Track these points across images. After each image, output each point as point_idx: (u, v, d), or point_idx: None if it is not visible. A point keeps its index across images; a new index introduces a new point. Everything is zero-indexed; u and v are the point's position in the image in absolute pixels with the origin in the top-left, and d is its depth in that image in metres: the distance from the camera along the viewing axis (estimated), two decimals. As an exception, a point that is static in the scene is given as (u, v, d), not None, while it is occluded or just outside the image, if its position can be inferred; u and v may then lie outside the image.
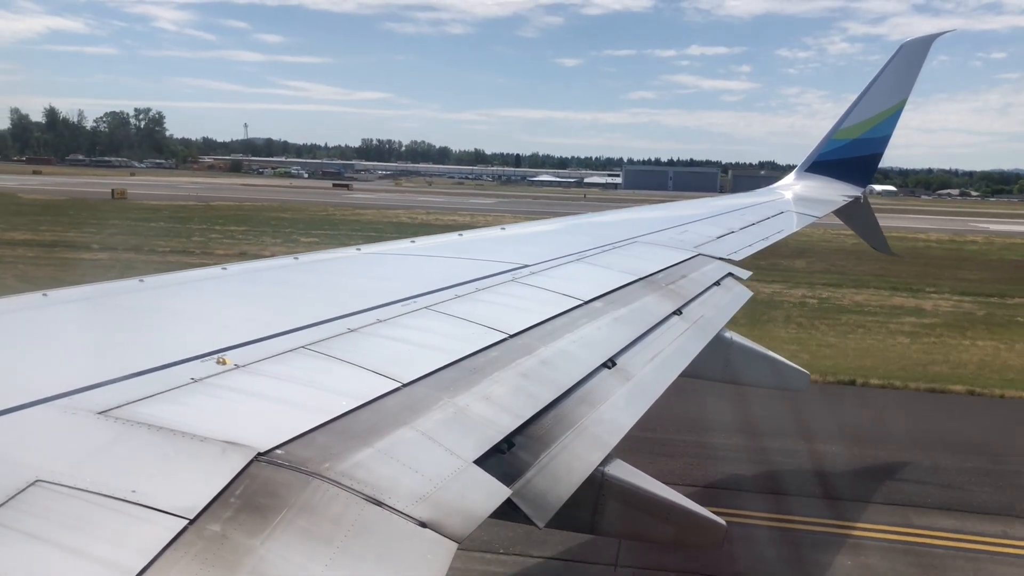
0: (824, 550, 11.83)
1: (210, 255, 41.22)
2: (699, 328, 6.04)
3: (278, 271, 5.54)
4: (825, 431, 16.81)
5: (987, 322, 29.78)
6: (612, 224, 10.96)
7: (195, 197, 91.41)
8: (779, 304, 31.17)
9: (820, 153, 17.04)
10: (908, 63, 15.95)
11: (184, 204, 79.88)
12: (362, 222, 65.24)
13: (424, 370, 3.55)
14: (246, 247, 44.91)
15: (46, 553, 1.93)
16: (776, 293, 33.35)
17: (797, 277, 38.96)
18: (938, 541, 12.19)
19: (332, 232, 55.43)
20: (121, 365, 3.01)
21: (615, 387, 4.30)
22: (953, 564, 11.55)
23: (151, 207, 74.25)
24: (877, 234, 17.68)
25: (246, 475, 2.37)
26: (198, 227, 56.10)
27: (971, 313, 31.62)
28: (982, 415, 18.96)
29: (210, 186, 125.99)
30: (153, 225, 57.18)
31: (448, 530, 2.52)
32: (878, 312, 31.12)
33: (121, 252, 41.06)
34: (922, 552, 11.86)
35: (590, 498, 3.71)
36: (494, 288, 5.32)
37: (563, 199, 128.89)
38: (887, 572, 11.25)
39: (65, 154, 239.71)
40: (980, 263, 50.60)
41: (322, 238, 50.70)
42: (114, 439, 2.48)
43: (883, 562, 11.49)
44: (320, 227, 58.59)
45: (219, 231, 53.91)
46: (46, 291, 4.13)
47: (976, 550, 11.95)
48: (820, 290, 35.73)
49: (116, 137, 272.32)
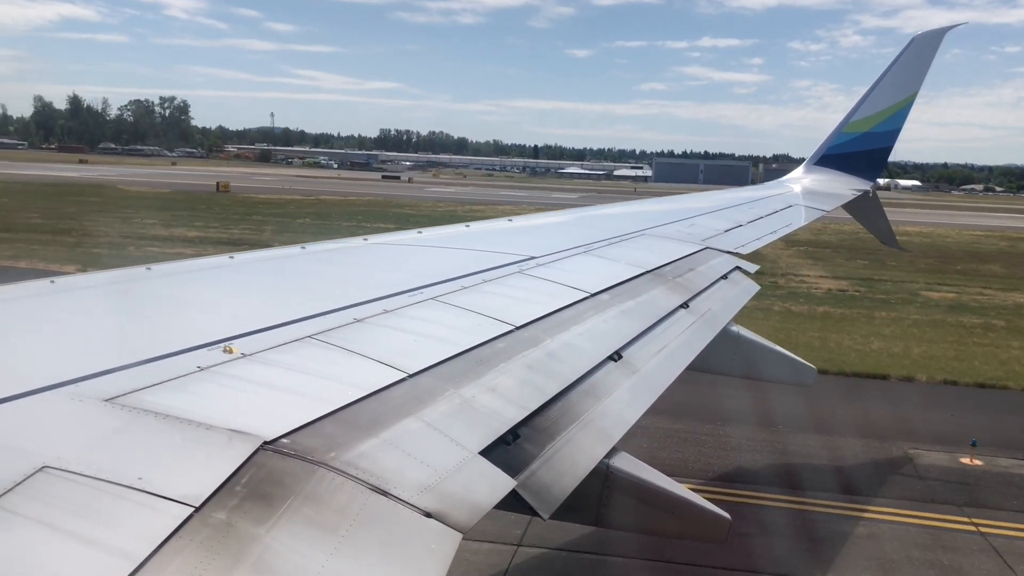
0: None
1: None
2: (706, 322, 6.03)
3: (285, 261, 5.55)
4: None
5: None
6: (619, 216, 10.93)
7: (291, 191, 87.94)
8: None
9: (829, 146, 16.95)
10: (919, 56, 15.84)
11: (294, 198, 76.28)
12: (481, 219, 61.71)
13: (430, 361, 3.55)
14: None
15: (52, 539, 1.94)
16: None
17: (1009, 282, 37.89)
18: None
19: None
20: (128, 353, 3.02)
21: (621, 380, 4.30)
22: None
23: (274, 202, 71.32)
24: (885, 228, 17.60)
25: (252, 464, 2.38)
26: (359, 224, 52.54)
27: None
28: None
29: (271, 177, 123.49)
30: (320, 223, 54.01)
31: (453, 520, 2.52)
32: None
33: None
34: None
35: (595, 491, 3.71)
36: (501, 280, 5.31)
37: (612, 191, 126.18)
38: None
39: (89, 142, 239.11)
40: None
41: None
42: (121, 426, 2.49)
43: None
44: (452, 223, 55.31)
45: (377, 228, 49.54)
46: (53, 278, 4.14)
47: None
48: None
49: (141, 126, 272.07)
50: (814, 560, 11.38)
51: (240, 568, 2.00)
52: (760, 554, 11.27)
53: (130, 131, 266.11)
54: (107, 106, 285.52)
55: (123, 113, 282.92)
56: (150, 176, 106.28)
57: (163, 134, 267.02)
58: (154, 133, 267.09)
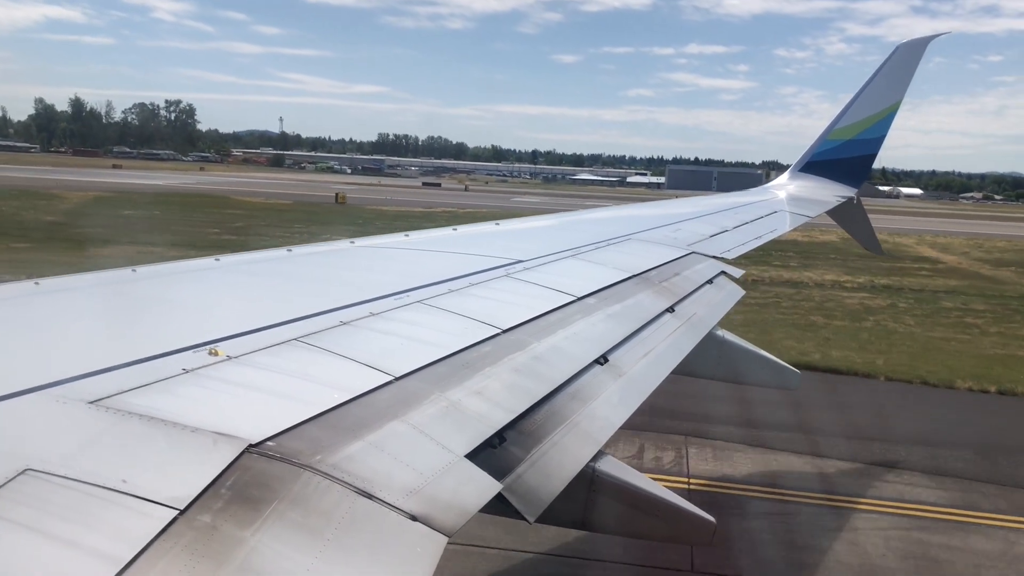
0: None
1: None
2: (691, 326, 6.06)
3: (271, 263, 5.53)
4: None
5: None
6: (606, 221, 10.97)
7: (374, 200, 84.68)
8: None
9: (814, 153, 17.08)
10: (903, 65, 15.99)
11: (411, 210, 72.96)
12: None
13: (416, 364, 3.55)
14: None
15: (35, 542, 1.93)
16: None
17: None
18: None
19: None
20: (113, 355, 3.00)
21: (607, 383, 4.31)
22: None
23: (389, 214, 67.78)
24: (869, 235, 17.74)
25: (237, 466, 2.37)
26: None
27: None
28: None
29: (310, 183, 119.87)
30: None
31: (439, 524, 2.52)
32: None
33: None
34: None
35: (581, 494, 3.73)
36: (487, 283, 5.32)
37: (644, 197, 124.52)
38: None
39: (93, 145, 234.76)
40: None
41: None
42: (105, 429, 2.47)
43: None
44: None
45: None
46: (38, 279, 4.11)
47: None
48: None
49: (147, 129, 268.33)
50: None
51: (225, 571, 2.00)
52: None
53: (136, 134, 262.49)
54: (111, 109, 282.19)
55: (127, 116, 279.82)
56: (222, 184, 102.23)
57: (170, 138, 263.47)
58: (160, 137, 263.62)
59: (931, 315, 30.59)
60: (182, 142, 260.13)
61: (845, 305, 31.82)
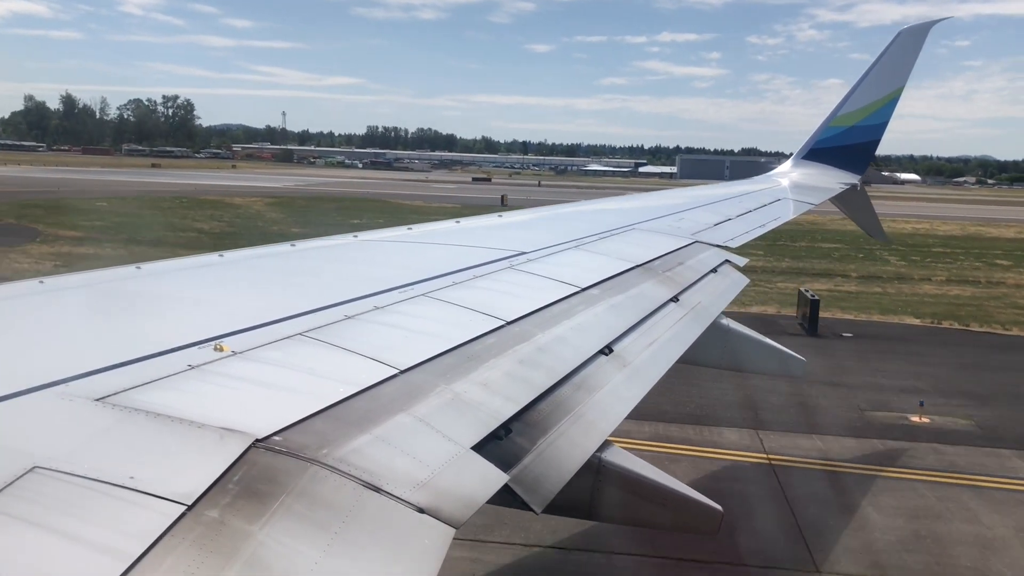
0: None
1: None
2: (696, 315, 6.05)
3: (275, 258, 5.53)
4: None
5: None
6: (609, 212, 10.94)
7: (453, 199, 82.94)
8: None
9: (817, 140, 17.01)
10: (905, 50, 15.90)
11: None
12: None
13: (421, 357, 3.55)
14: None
15: (44, 539, 1.94)
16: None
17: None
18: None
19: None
20: (119, 352, 3.00)
21: (612, 374, 4.31)
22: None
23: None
24: (873, 221, 17.68)
25: (244, 461, 2.37)
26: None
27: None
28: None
29: (352, 180, 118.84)
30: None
31: (446, 516, 2.53)
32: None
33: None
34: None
35: (587, 484, 3.72)
36: (491, 275, 5.31)
37: (665, 187, 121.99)
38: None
39: (88, 142, 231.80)
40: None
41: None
42: (112, 425, 2.48)
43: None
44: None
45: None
46: (43, 278, 4.12)
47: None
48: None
49: (145, 126, 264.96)
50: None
51: (233, 566, 2.00)
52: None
53: (133, 131, 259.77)
54: (106, 105, 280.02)
55: (123, 113, 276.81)
56: (320, 185, 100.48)
57: (170, 134, 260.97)
58: (159, 133, 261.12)
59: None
60: (182, 138, 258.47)
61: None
